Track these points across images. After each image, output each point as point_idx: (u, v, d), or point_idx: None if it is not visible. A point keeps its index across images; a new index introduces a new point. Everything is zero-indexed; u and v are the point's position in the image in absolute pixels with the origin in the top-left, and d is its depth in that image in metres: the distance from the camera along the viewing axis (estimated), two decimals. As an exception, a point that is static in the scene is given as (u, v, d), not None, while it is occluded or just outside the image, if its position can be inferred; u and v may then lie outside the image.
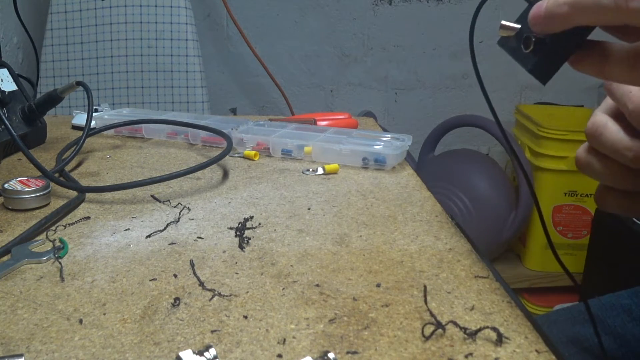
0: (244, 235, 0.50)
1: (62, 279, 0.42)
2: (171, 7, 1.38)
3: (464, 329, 0.35)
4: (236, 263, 0.45)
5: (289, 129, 0.79)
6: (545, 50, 0.34)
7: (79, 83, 0.72)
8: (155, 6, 1.38)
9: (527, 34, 0.35)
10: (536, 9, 0.33)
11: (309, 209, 0.57)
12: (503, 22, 0.36)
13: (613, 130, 0.36)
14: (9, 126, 0.61)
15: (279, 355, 0.33)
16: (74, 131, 0.87)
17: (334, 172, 0.68)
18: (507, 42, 0.38)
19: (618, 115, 0.37)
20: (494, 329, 0.35)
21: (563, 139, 1.52)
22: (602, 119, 0.37)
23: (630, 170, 0.36)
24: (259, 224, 0.53)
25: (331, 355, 0.32)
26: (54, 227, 0.51)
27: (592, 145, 0.38)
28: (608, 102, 0.39)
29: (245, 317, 0.37)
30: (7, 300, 0.39)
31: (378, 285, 0.42)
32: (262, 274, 0.43)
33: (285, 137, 0.75)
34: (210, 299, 0.39)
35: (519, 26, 0.36)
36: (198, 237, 0.49)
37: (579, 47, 0.34)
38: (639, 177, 0.36)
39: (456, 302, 0.39)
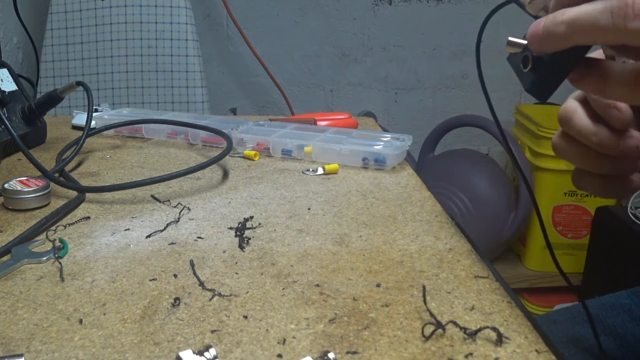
0: (244, 235, 0.50)
1: (62, 279, 0.42)
2: (171, 7, 1.38)
3: (464, 329, 0.35)
4: (236, 263, 0.45)
5: (289, 129, 0.79)
6: (543, 68, 0.34)
7: (79, 83, 0.72)
8: (155, 6, 1.38)
9: (525, 53, 0.35)
10: (534, 27, 0.33)
11: (309, 209, 0.57)
12: (510, 38, 0.36)
13: (581, 116, 0.38)
14: (9, 126, 0.61)
15: (279, 355, 0.33)
16: (74, 131, 0.87)
17: (334, 172, 0.68)
18: (514, 59, 0.37)
19: (587, 101, 0.38)
20: (494, 329, 0.35)
21: (563, 139, 1.52)
22: (572, 105, 0.38)
23: (598, 154, 0.38)
24: (259, 224, 0.53)
25: (331, 355, 0.32)
26: (54, 227, 0.51)
27: (564, 129, 0.39)
28: None
29: (245, 317, 0.37)
30: (7, 300, 0.39)
31: (378, 285, 0.42)
32: (262, 274, 0.43)
33: (285, 137, 0.75)
34: (210, 299, 0.39)
35: (525, 42, 0.35)
36: (198, 237, 0.49)
37: (577, 64, 0.34)
38: (607, 161, 0.38)
39: (456, 302, 0.39)
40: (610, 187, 0.40)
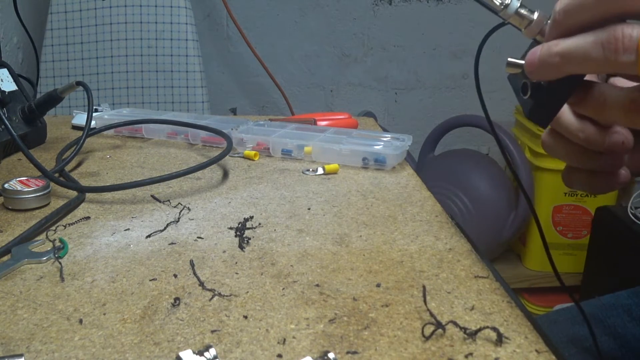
0: (244, 235, 0.50)
1: (62, 279, 0.42)
2: (171, 7, 1.38)
3: (464, 329, 0.35)
4: (236, 263, 0.45)
5: (289, 129, 0.79)
6: (542, 95, 0.35)
7: (79, 83, 0.72)
8: (155, 6, 1.38)
9: (524, 80, 0.36)
10: (530, 57, 0.34)
11: (309, 209, 0.57)
12: (509, 59, 0.37)
13: (567, 114, 0.39)
14: (9, 126, 0.61)
15: (279, 355, 0.33)
16: (74, 131, 0.87)
17: (334, 172, 0.68)
18: (514, 79, 0.38)
19: None
20: (494, 329, 0.35)
21: (563, 139, 1.52)
22: None
23: (585, 150, 0.39)
24: (259, 224, 0.53)
25: (331, 355, 0.32)
26: (54, 227, 0.51)
27: (552, 126, 0.40)
28: None
29: (245, 317, 0.37)
30: (7, 300, 0.39)
31: (378, 285, 0.42)
32: (262, 274, 0.43)
33: (285, 137, 0.75)
34: (210, 299, 0.39)
35: (524, 62, 0.36)
36: (198, 237, 0.49)
37: (574, 90, 0.35)
38: (595, 157, 0.39)
39: (456, 302, 0.39)
40: (598, 182, 0.41)
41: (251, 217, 0.54)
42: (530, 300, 1.67)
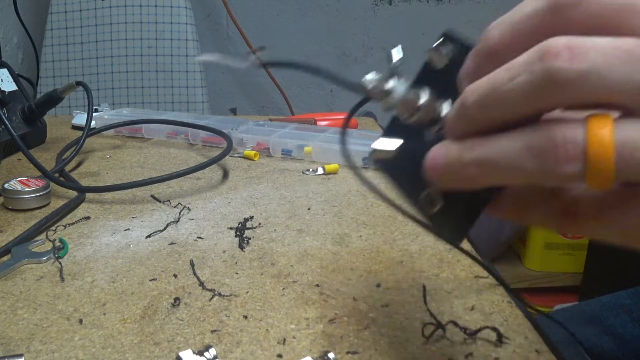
0: (244, 235, 0.50)
1: (62, 279, 0.42)
2: (171, 7, 1.38)
3: (464, 329, 0.35)
4: (236, 263, 0.45)
5: (289, 129, 0.79)
6: (453, 205, 0.27)
7: (79, 83, 0.72)
8: (155, 6, 1.38)
9: (428, 191, 0.28)
10: (431, 161, 0.25)
11: (309, 209, 0.57)
12: (374, 145, 0.28)
13: None
14: (9, 126, 0.61)
15: (279, 355, 0.33)
16: (74, 131, 0.87)
17: (334, 172, 0.68)
18: (387, 164, 0.30)
19: None
20: (494, 329, 0.35)
21: (563, 139, 1.52)
22: None
23: None
24: (259, 224, 0.53)
25: (331, 355, 0.32)
26: (54, 227, 0.51)
27: None
28: None
29: (245, 317, 0.37)
30: (7, 300, 0.39)
31: (378, 285, 0.42)
32: (262, 274, 0.43)
33: (285, 137, 0.75)
34: (210, 299, 0.39)
35: (400, 141, 0.27)
36: (198, 237, 0.49)
37: (497, 194, 0.26)
38: None
39: (456, 302, 0.39)
40: None
41: (251, 217, 0.54)
42: (531, 300, 1.67)
